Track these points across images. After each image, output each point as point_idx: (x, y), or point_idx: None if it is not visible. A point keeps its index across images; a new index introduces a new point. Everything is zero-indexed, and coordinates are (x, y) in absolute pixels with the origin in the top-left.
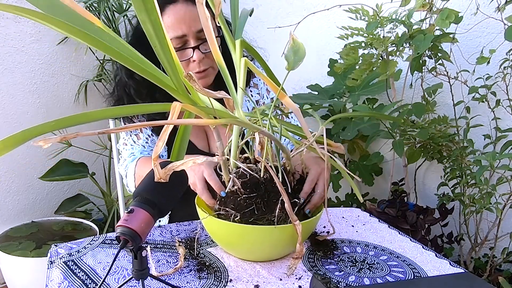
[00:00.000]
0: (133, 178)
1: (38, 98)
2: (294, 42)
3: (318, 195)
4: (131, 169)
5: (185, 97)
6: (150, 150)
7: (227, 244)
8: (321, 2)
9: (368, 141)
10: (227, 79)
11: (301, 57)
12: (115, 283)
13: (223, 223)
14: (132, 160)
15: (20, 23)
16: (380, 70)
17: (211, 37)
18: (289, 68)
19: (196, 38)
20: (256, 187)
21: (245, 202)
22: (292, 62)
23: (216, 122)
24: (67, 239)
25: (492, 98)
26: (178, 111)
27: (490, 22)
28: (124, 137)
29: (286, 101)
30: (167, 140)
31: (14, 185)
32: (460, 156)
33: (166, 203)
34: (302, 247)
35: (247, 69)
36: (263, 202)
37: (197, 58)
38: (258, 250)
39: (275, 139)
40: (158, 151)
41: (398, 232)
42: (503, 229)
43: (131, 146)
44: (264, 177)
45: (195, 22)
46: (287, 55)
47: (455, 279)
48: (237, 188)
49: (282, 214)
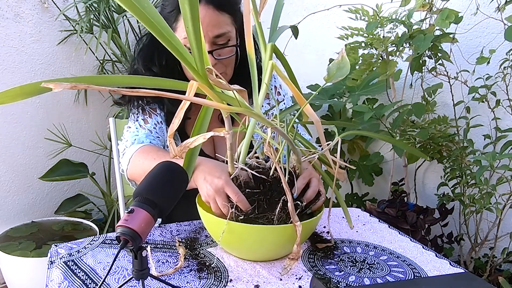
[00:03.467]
0: (127, 162)
1: (38, 98)
2: (343, 59)
3: (312, 189)
4: (130, 151)
5: (205, 79)
6: (156, 137)
7: (227, 243)
8: (321, 2)
9: (368, 141)
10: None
11: (343, 74)
12: (115, 283)
13: (224, 222)
14: (134, 142)
15: (20, 23)
16: (380, 70)
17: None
18: (327, 79)
19: (211, 43)
20: (261, 184)
21: (249, 198)
22: (333, 76)
23: (231, 108)
24: (67, 239)
25: (492, 98)
26: (194, 89)
27: (490, 22)
28: (130, 125)
29: (309, 111)
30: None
31: (14, 185)
32: (460, 156)
33: (166, 203)
34: (299, 248)
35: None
36: (266, 200)
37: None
38: (258, 249)
39: (288, 139)
40: (174, 128)
41: (398, 232)
42: (503, 229)
43: (136, 129)
44: (272, 175)
45: (212, 27)
46: (331, 68)
47: (455, 279)
48: (241, 182)
49: (283, 215)
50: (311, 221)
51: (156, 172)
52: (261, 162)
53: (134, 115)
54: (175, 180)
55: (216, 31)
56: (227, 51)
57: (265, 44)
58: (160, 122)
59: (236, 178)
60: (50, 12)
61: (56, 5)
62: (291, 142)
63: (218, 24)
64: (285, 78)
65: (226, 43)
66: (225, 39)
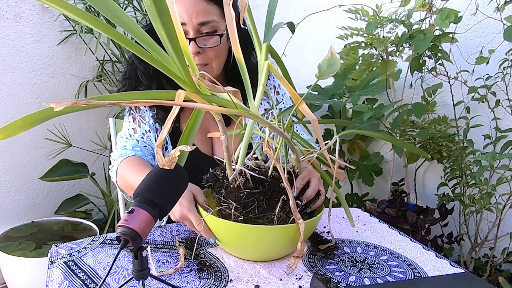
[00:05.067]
0: (115, 174)
1: (38, 98)
2: (332, 55)
3: (311, 188)
4: (116, 164)
5: (192, 86)
6: (144, 146)
7: (228, 243)
8: (321, 2)
9: (368, 141)
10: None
11: (333, 71)
12: (116, 283)
13: (224, 222)
14: (121, 155)
15: (20, 23)
16: (380, 70)
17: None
18: (319, 77)
19: (195, 30)
20: (260, 184)
21: (248, 198)
22: (324, 73)
23: (226, 111)
24: (67, 239)
25: (492, 98)
26: (182, 98)
27: (490, 22)
28: (123, 130)
29: (304, 110)
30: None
31: (14, 185)
32: (460, 156)
33: (167, 203)
34: (303, 246)
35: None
36: (265, 200)
37: (192, 50)
38: (258, 249)
39: (285, 137)
40: (162, 138)
41: (398, 232)
42: (503, 229)
43: (126, 139)
44: (271, 175)
45: (197, 14)
46: (321, 65)
47: (455, 279)
48: (240, 183)
49: (282, 214)
50: (312, 220)
51: (156, 172)
52: (260, 163)
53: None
54: (175, 180)
55: (201, 18)
56: (212, 41)
57: (260, 44)
58: (148, 131)
59: (235, 180)
60: (50, 12)
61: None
62: (289, 141)
63: (204, 12)
64: (281, 77)
65: (212, 32)
66: (210, 28)
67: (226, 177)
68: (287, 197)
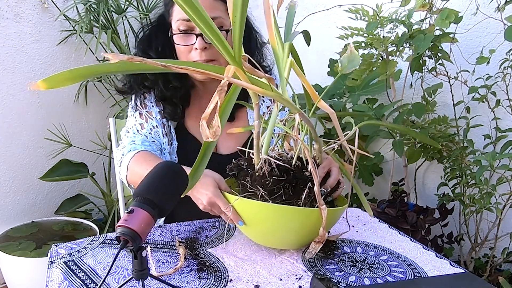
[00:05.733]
0: (126, 169)
1: (38, 98)
2: (352, 53)
3: (333, 177)
4: (127, 159)
5: (239, 65)
6: (152, 141)
7: (254, 226)
8: (321, 2)
9: (368, 141)
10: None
11: (354, 65)
12: (115, 283)
13: (254, 203)
14: (130, 150)
15: (20, 23)
16: (380, 70)
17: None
18: (341, 70)
19: None
20: (285, 173)
21: (274, 186)
22: (346, 67)
23: (263, 92)
24: (67, 239)
25: (492, 98)
26: (232, 73)
27: (490, 22)
28: (128, 126)
29: (322, 105)
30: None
31: (14, 185)
32: (460, 156)
33: (167, 203)
34: (325, 232)
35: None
36: (291, 187)
37: (199, 46)
38: (283, 233)
39: (311, 126)
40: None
41: (398, 232)
42: (503, 229)
43: (134, 134)
44: (295, 164)
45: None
46: (343, 61)
47: (455, 279)
48: (266, 171)
49: (307, 202)
50: (336, 209)
51: (156, 172)
52: (282, 154)
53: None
54: (175, 180)
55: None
56: None
57: (282, 43)
58: (155, 127)
59: (261, 168)
60: (50, 12)
61: (56, 6)
62: (314, 130)
63: (210, 8)
64: (301, 75)
65: (219, 28)
66: (217, 23)
67: (250, 166)
68: (312, 184)
